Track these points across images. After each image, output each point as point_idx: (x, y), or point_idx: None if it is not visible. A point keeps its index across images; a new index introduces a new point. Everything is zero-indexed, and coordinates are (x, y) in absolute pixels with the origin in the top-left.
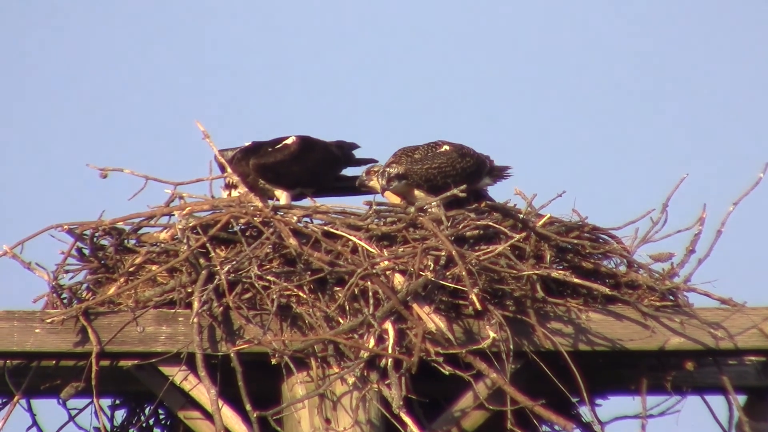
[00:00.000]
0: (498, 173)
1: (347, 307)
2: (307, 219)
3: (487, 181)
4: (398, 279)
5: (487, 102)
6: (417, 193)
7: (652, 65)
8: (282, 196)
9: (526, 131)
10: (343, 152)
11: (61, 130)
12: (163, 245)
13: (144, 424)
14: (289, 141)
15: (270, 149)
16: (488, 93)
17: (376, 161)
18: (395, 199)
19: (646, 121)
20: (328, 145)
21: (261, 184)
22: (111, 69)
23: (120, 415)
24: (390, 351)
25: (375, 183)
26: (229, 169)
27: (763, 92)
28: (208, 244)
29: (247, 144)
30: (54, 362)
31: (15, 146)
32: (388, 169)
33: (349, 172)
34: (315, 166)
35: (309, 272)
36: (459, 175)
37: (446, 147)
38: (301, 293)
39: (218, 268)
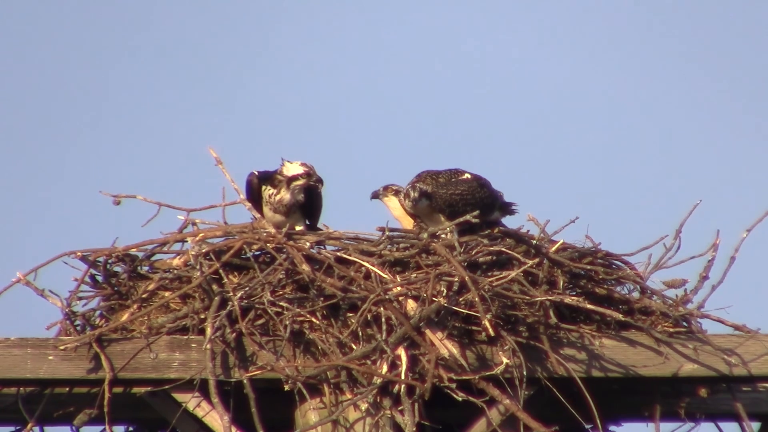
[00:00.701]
0: (507, 208)
1: (360, 333)
2: (320, 245)
3: (497, 215)
4: (411, 305)
5: (498, 128)
6: (438, 217)
7: (666, 88)
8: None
9: (539, 157)
10: None
11: (75, 157)
12: (176, 272)
13: None
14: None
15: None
16: (500, 119)
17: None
18: (407, 222)
19: (659, 146)
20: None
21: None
22: (125, 95)
23: None
24: (403, 377)
25: (390, 200)
26: (242, 195)
27: None
28: (221, 270)
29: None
30: (67, 389)
31: (29, 173)
32: (418, 184)
33: None
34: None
35: (322, 298)
36: (477, 204)
37: (468, 175)
38: (314, 319)
39: (231, 294)
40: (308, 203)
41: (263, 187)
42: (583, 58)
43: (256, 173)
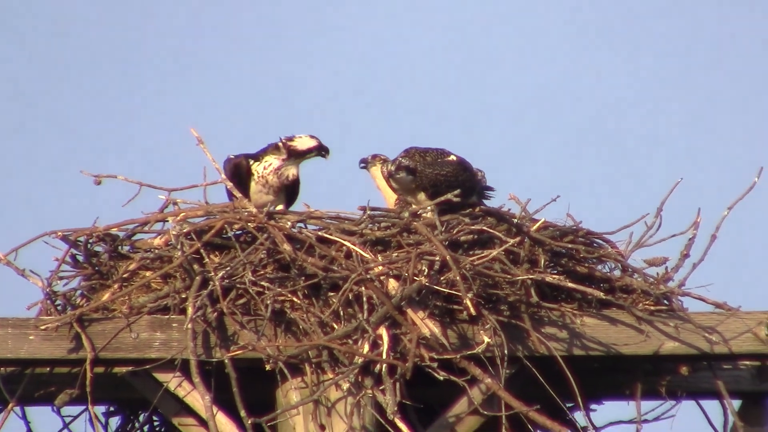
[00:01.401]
0: (484, 194)
1: (341, 313)
2: (301, 224)
3: (475, 199)
4: (392, 284)
5: (480, 106)
6: (420, 195)
7: (647, 68)
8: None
9: (520, 136)
10: None
11: (55, 137)
12: (157, 251)
13: (139, 431)
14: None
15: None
16: (481, 96)
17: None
18: (389, 195)
19: (640, 125)
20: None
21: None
22: (105, 75)
23: (115, 422)
24: (384, 356)
25: (376, 170)
26: (223, 175)
27: (758, 96)
28: (202, 250)
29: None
30: (48, 369)
31: (9, 153)
32: (400, 158)
33: None
34: None
35: (303, 278)
36: (459, 187)
37: (453, 157)
38: (295, 299)
39: (212, 273)
40: (293, 185)
41: (254, 165)
42: (565, 38)
43: (234, 157)
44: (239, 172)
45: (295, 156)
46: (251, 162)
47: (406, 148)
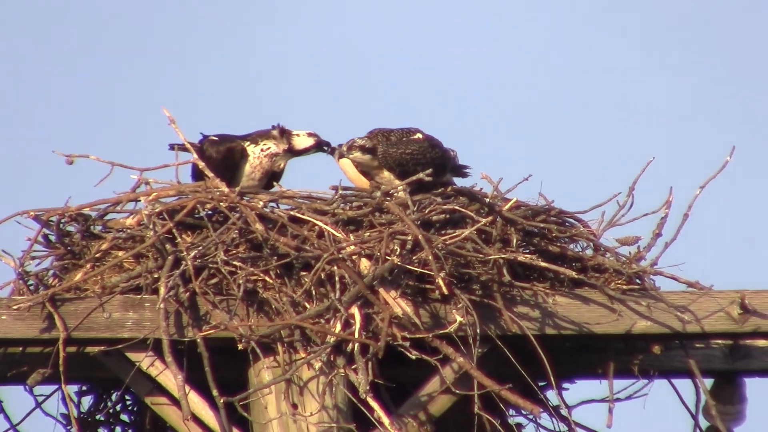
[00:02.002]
0: (459, 171)
1: (314, 292)
2: (274, 204)
3: (449, 177)
4: (364, 264)
5: (452, 85)
6: (385, 174)
7: (618, 46)
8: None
9: (491, 115)
10: None
11: (27, 117)
12: (129, 231)
13: (111, 411)
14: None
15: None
16: (453, 75)
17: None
18: (356, 175)
19: (611, 104)
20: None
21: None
22: (76, 54)
23: (87, 401)
24: (356, 336)
25: (344, 161)
26: (195, 154)
27: (728, 77)
28: (174, 230)
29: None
30: (20, 349)
31: None
32: (356, 138)
33: None
34: None
35: (275, 257)
36: (428, 164)
37: (419, 135)
38: (267, 278)
39: (184, 253)
40: (279, 175)
41: (249, 146)
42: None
43: (215, 136)
44: (233, 156)
45: (292, 152)
46: (246, 143)
47: (370, 129)
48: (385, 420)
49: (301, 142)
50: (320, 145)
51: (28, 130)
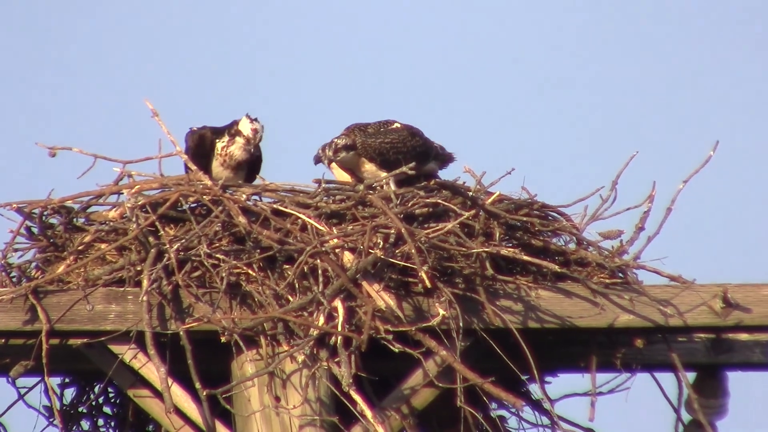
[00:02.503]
0: (444, 159)
1: (297, 285)
2: (256, 197)
3: (433, 166)
4: (348, 257)
5: (434, 79)
6: (368, 166)
7: (601, 42)
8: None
9: (475, 108)
10: None
11: (8, 109)
12: (112, 224)
13: (94, 403)
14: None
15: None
16: (436, 70)
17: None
18: (344, 176)
19: (595, 98)
20: None
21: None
22: (59, 46)
23: (70, 393)
24: (339, 329)
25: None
26: (178, 147)
27: (713, 71)
28: (157, 223)
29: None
30: (3, 341)
31: None
32: (336, 140)
33: None
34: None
35: (258, 250)
36: (409, 152)
37: (398, 124)
38: (250, 271)
39: (167, 246)
40: (257, 165)
41: (216, 141)
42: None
43: (197, 128)
44: (203, 144)
45: (236, 135)
46: (215, 137)
47: (347, 125)
48: (368, 413)
49: (242, 127)
50: (248, 143)
51: (10, 122)
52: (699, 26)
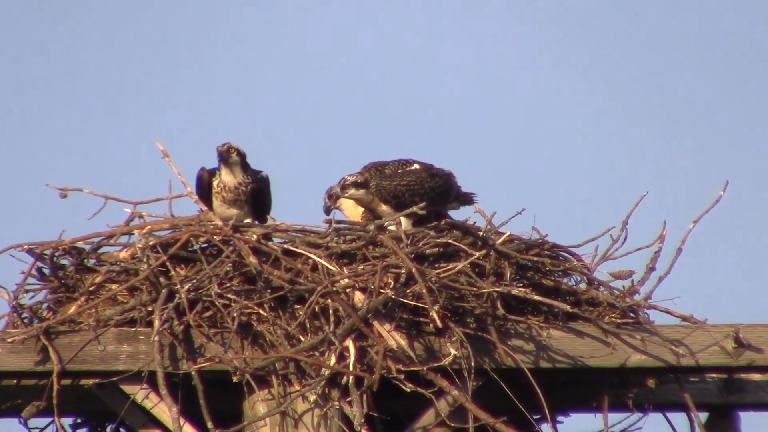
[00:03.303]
0: (464, 199)
1: (308, 325)
2: (267, 237)
3: (454, 205)
4: (358, 297)
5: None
6: (384, 207)
7: (613, 83)
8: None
9: (486, 149)
10: None
11: (21, 151)
12: (123, 264)
13: None
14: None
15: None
16: (449, 112)
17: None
18: (353, 214)
19: (606, 139)
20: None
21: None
22: (71, 88)
23: None
24: (351, 368)
25: (342, 202)
26: (189, 188)
27: (724, 111)
28: (168, 263)
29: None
30: (15, 381)
31: None
32: (347, 176)
33: None
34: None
35: (269, 290)
36: (427, 194)
37: (416, 165)
38: (261, 311)
39: (178, 286)
40: (258, 198)
41: (213, 180)
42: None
43: (207, 168)
44: (202, 185)
45: (221, 161)
46: (211, 177)
47: (365, 164)
48: None
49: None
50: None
51: (22, 164)
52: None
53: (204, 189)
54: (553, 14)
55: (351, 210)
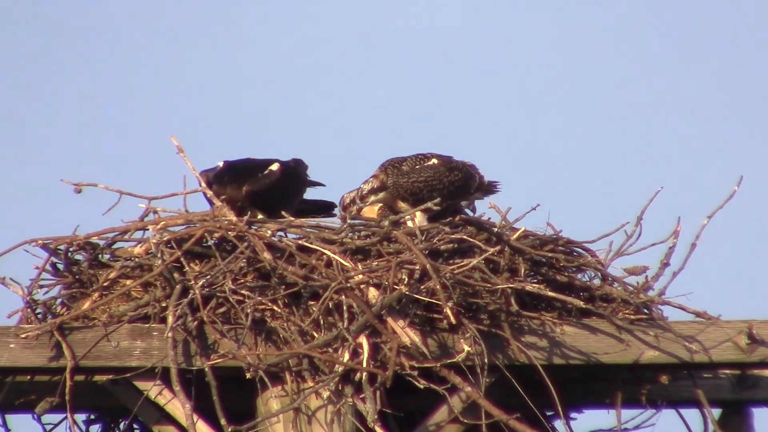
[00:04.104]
0: (488, 188)
1: (322, 321)
2: (282, 233)
3: (478, 195)
4: (372, 293)
5: (461, 115)
6: (402, 204)
7: (629, 79)
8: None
9: (500, 144)
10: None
11: (35, 146)
12: (137, 260)
13: None
14: (274, 168)
15: (259, 175)
16: (462, 106)
17: (324, 185)
18: (372, 214)
19: (621, 133)
20: (301, 169)
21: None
22: (85, 83)
23: (95, 430)
24: (365, 365)
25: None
26: (203, 183)
27: (738, 106)
28: (182, 259)
29: (220, 164)
30: (29, 377)
31: None
32: (362, 185)
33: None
34: (294, 191)
35: (283, 286)
36: (446, 188)
37: (435, 160)
38: (275, 307)
39: (192, 282)
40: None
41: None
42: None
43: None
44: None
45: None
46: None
47: (382, 162)
48: None
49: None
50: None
51: (36, 159)
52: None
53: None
54: (569, 4)
55: (369, 214)
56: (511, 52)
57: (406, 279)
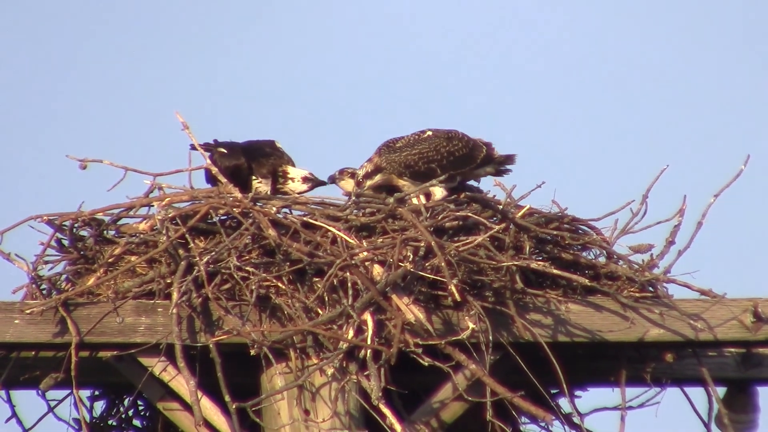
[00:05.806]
0: (503, 161)
1: (326, 298)
2: (287, 210)
3: (489, 170)
4: (377, 270)
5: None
6: (401, 182)
7: (634, 56)
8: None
9: (505, 121)
10: None
11: (41, 122)
12: (142, 236)
13: (123, 416)
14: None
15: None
16: (467, 82)
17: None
18: None
19: (626, 111)
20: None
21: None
22: (91, 60)
23: (99, 406)
24: (369, 342)
25: (347, 183)
26: (209, 160)
27: (744, 84)
28: (187, 235)
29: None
30: (33, 353)
31: None
32: (358, 171)
33: None
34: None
35: (288, 263)
36: (445, 158)
37: (429, 132)
38: (280, 284)
39: (197, 258)
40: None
41: (252, 178)
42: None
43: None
44: (239, 172)
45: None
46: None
47: (378, 145)
48: (398, 427)
49: (295, 187)
50: (315, 186)
51: (42, 135)
52: (732, 43)
53: (242, 177)
54: None
55: None
56: (518, 32)
57: (411, 256)
